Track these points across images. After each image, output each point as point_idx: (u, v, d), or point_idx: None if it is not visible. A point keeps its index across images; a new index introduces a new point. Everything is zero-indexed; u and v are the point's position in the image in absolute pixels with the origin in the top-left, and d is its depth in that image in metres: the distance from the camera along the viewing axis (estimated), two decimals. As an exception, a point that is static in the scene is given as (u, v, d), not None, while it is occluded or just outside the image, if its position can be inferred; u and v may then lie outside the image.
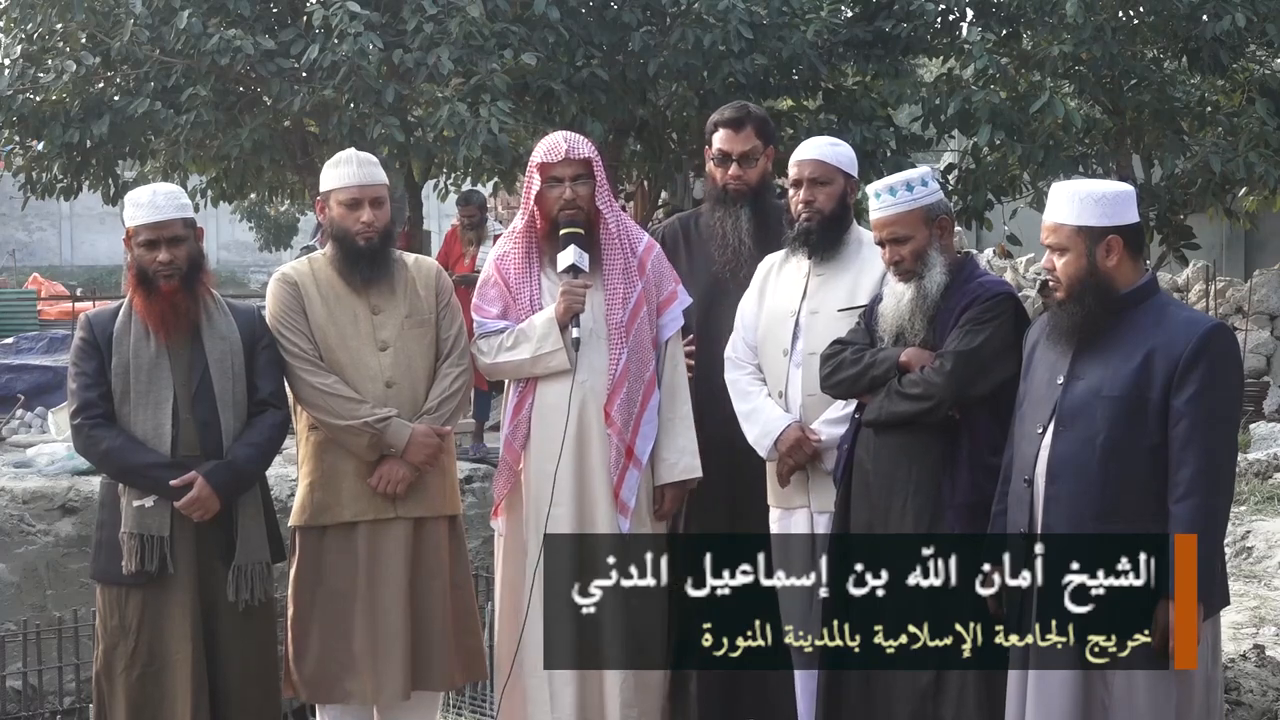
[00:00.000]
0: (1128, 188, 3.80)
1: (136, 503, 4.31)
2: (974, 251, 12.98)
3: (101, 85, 11.02)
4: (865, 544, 4.23)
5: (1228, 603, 3.80)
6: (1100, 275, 3.69)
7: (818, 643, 4.45)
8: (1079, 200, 3.71)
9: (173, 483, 4.27)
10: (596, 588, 4.62)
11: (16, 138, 11.58)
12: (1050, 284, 3.78)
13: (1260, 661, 5.60)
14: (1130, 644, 3.62)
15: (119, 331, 4.36)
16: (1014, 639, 3.83)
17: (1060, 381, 3.74)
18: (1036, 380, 3.84)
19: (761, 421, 4.58)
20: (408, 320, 4.61)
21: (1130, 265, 3.74)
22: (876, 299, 4.37)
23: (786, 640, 4.65)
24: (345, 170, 4.57)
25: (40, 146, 11.54)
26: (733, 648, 4.88)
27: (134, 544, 4.30)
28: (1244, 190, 12.66)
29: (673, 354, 4.80)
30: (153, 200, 4.33)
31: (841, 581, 4.28)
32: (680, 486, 4.75)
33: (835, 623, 4.27)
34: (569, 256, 4.57)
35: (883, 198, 4.18)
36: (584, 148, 4.68)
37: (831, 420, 4.50)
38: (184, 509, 4.29)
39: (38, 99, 10.80)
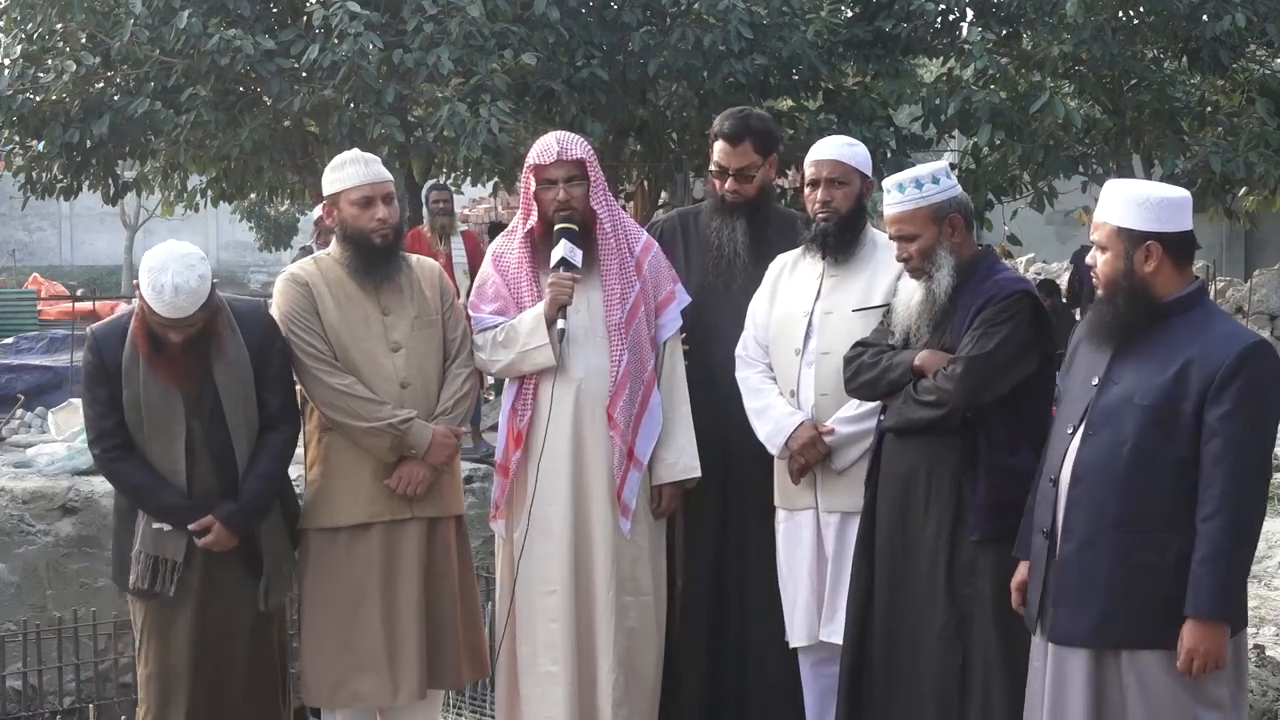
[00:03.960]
0: (1185, 194, 3.71)
1: (155, 525, 4.32)
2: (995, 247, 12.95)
3: (101, 85, 11.03)
4: (890, 548, 4.21)
5: (1245, 624, 3.76)
6: (1135, 279, 3.62)
7: (830, 640, 4.46)
8: (1125, 201, 3.64)
9: (191, 527, 4.29)
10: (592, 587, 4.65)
11: (16, 138, 11.60)
12: (1095, 280, 3.74)
13: (1260, 661, 5.59)
14: (1145, 655, 3.58)
15: (128, 363, 4.30)
16: (1035, 637, 3.80)
17: (1095, 384, 3.69)
18: (1075, 379, 3.78)
19: (773, 419, 4.57)
20: (417, 321, 4.59)
21: (1173, 273, 3.64)
22: (896, 296, 4.34)
23: (790, 642, 4.66)
24: (353, 170, 4.54)
25: (40, 146, 11.57)
26: (733, 648, 4.91)
27: (147, 564, 4.31)
28: (1244, 190, 12.67)
29: (671, 354, 4.80)
30: (174, 301, 4.12)
31: (868, 583, 4.26)
32: (678, 486, 4.75)
33: (861, 623, 4.25)
34: (560, 251, 4.57)
35: (891, 194, 4.15)
36: (577, 148, 4.67)
37: (844, 419, 4.49)
38: (202, 547, 4.31)
39: (38, 99, 10.83)
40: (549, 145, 4.64)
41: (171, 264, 4.15)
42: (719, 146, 4.86)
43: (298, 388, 4.60)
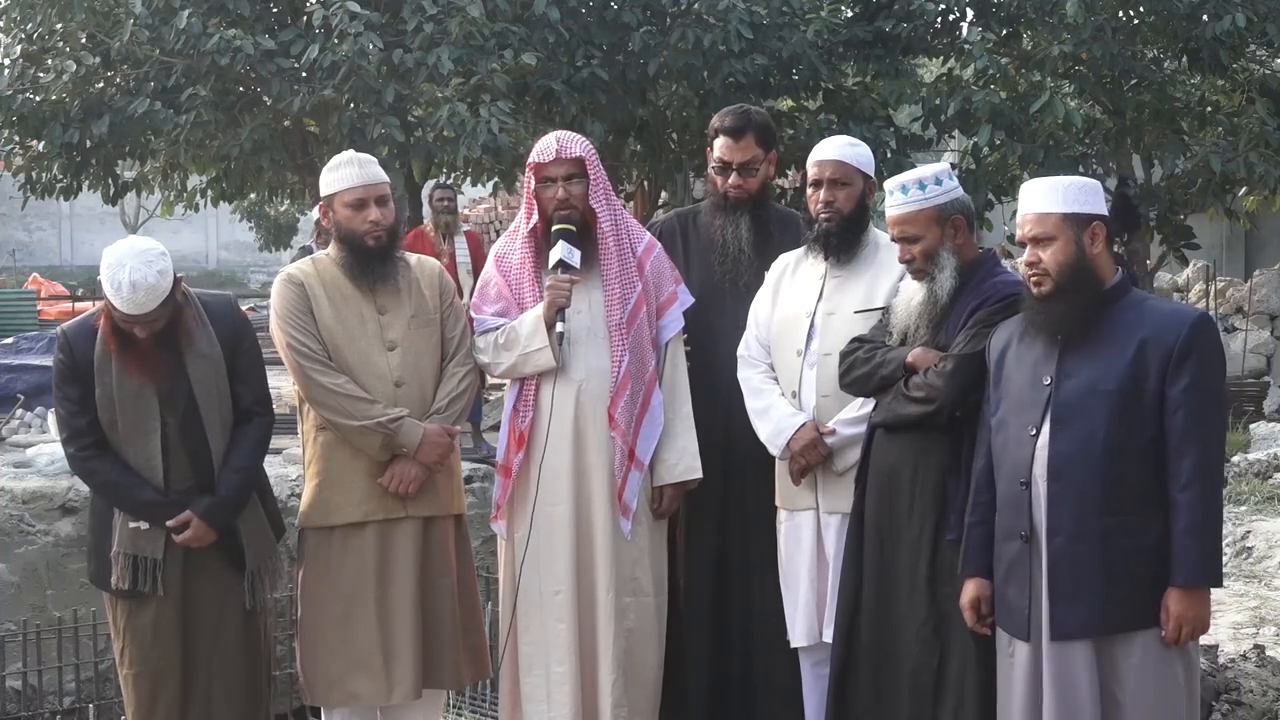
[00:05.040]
0: (1096, 181, 3.85)
1: (132, 524, 4.31)
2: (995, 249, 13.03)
3: (101, 85, 11.04)
4: (877, 544, 4.22)
5: (1221, 584, 3.81)
6: (1088, 262, 3.70)
7: (828, 640, 4.45)
8: (1061, 189, 3.74)
9: (169, 523, 4.29)
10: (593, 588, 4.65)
11: (16, 138, 11.60)
12: (1033, 278, 3.76)
13: (1260, 661, 5.58)
14: (1139, 635, 3.62)
15: (100, 360, 4.29)
16: (1019, 645, 3.80)
17: (1048, 381, 3.72)
18: (1016, 383, 3.81)
19: (774, 420, 4.56)
20: (413, 320, 4.60)
21: (1108, 258, 3.76)
22: (897, 295, 4.34)
23: (791, 643, 4.66)
24: (347, 172, 4.55)
25: (40, 146, 11.57)
26: (736, 648, 4.91)
27: (126, 563, 4.31)
28: (1244, 190, 12.68)
29: (673, 355, 4.79)
30: (132, 297, 4.12)
31: (856, 580, 4.27)
32: (679, 487, 4.75)
33: (849, 619, 4.26)
34: (558, 252, 4.57)
35: (895, 195, 4.14)
36: (576, 146, 4.67)
37: (846, 420, 4.48)
38: (181, 543, 4.31)
39: (38, 99, 10.82)
40: (549, 144, 4.66)
41: (129, 260, 4.14)
42: (721, 142, 4.86)
43: (295, 388, 4.61)
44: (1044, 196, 3.74)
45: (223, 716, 4.42)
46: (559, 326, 4.56)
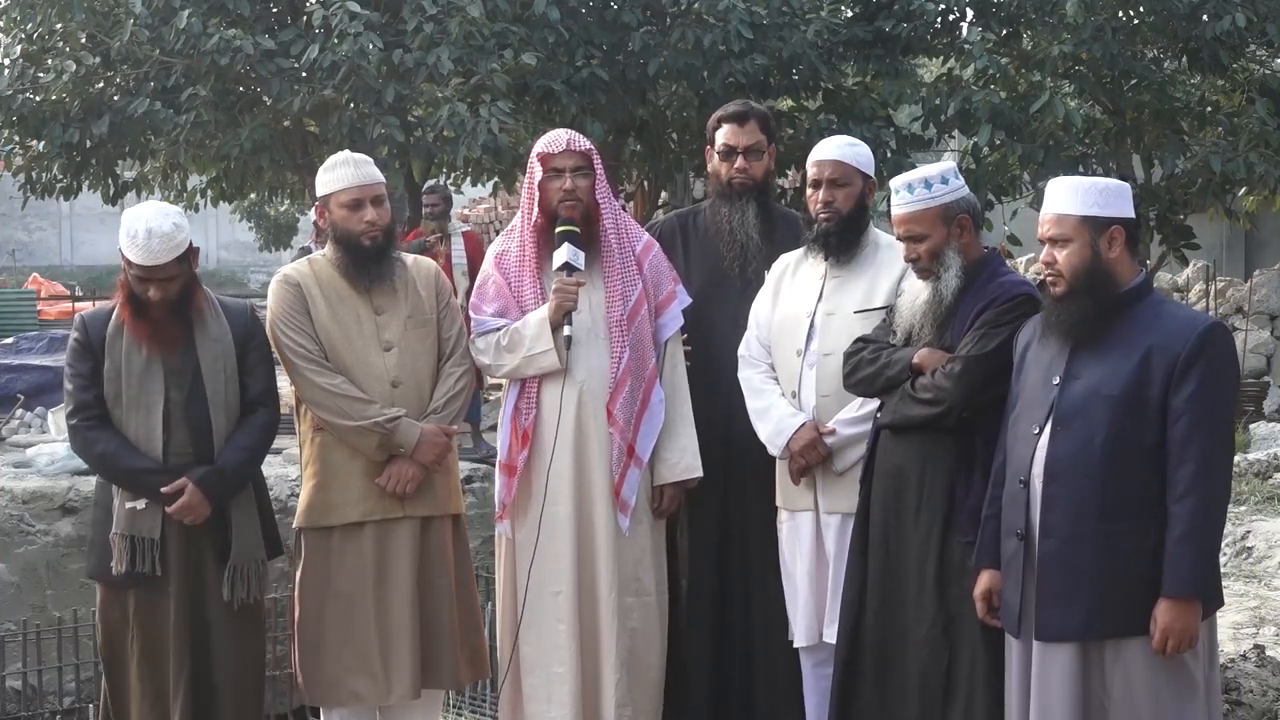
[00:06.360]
0: (1124, 183, 3.82)
1: (129, 504, 4.33)
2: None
3: (101, 85, 11.02)
4: (882, 545, 4.22)
5: (1222, 603, 3.79)
6: (1103, 266, 3.69)
7: (831, 641, 4.46)
8: (1082, 191, 3.72)
9: (163, 489, 4.29)
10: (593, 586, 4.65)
11: (16, 138, 11.59)
12: (1049, 279, 3.76)
13: (1260, 661, 5.59)
14: (1130, 642, 3.62)
15: (111, 335, 4.36)
16: (1013, 641, 3.82)
17: (1056, 382, 3.72)
18: (1030, 381, 3.82)
19: (774, 419, 4.57)
20: (410, 320, 4.61)
21: (1128, 261, 3.74)
22: (900, 295, 4.34)
23: (792, 643, 4.66)
24: (343, 172, 4.56)
25: (40, 146, 11.55)
26: (738, 647, 4.91)
27: (124, 545, 4.33)
28: (1244, 190, 12.65)
29: (673, 353, 4.80)
30: (147, 244, 4.23)
31: (861, 581, 4.28)
32: (679, 486, 4.75)
33: (854, 621, 4.26)
34: (563, 254, 4.58)
35: (901, 194, 4.15)
36: (584, 141, 4.73)
37: (845, 420, 4.48)
38: (175, 514, 4.31)
39: (38, 99, 10.81)
40: (558, 136, 4.71)
41: (147, 213, 4.29)
42: (725, 130, 4.89)
43: (292, 389, 4.62)
44: (1064, 197, 3.73)
45: (225, 711, 4.42)
46: (565, 330, 4.57)
